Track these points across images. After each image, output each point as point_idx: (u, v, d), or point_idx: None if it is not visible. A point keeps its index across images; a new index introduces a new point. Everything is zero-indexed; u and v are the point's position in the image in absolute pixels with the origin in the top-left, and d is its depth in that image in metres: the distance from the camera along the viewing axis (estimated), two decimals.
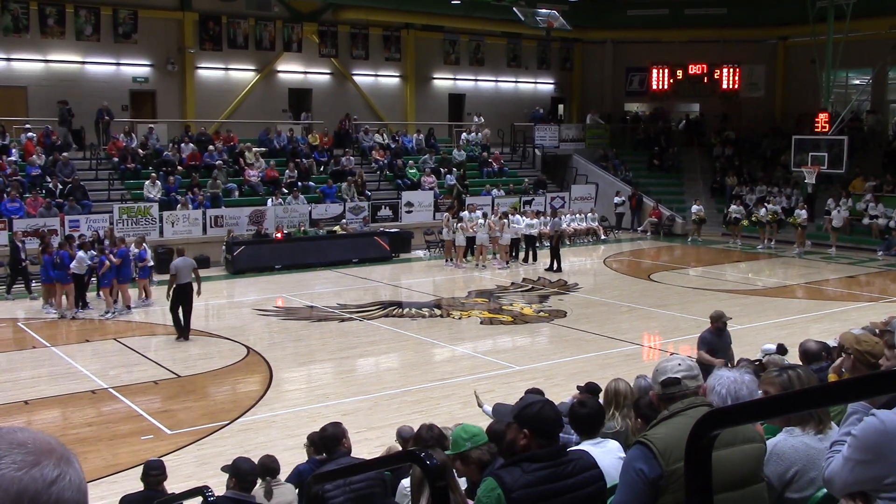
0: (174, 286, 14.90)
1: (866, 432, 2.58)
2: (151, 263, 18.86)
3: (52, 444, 1.30)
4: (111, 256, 17.14)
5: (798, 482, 3.46)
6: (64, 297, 17.06)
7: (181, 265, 15.04)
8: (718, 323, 10.38)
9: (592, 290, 20.45)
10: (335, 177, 26.98)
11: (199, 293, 15.33)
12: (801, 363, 5.97)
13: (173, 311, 15.00)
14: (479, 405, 8.26)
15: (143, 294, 18.24)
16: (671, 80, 36.29)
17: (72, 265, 16.79)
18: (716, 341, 10.30)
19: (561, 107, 38.17)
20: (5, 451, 1.25)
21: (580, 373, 11.91)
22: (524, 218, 24.58)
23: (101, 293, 17.71)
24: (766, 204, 27.99)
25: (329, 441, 6.19)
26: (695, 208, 29.26)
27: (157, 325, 16.59)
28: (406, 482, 5.26)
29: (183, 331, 14.98)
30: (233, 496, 5.94)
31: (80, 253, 17.06)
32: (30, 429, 1.33)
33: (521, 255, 24.32)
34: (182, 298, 14.92)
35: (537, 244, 24.62)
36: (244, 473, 6.07)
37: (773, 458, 3.47)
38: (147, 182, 23.44)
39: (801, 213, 26.67)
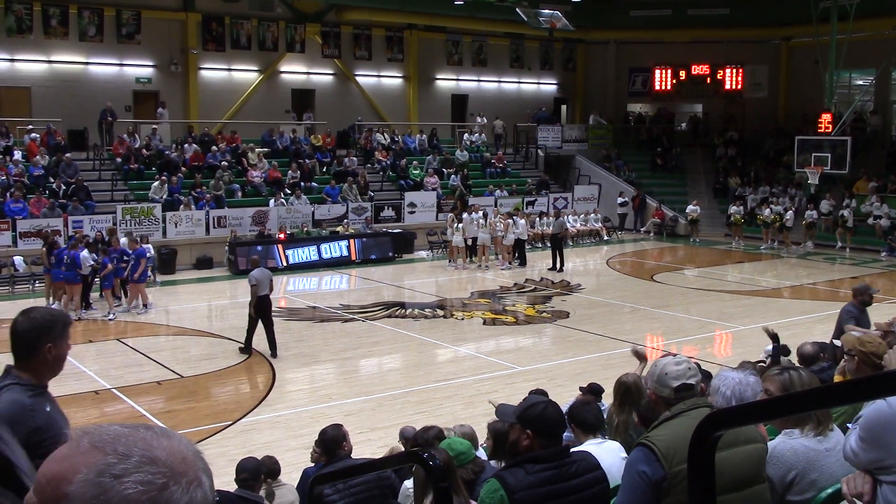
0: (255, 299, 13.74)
1: (871, 413, 2.60)
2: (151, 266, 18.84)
3: (186, 462, 1.19)
4: (123, 264, 16.99)
5: (799, 485, 3.45)
6: (66, 296, 17.07)
7: (260, 276, 13.80)
8: (864, 296, 9.51)
9: (595, 290, 20.43)
10: (338, 177, 26.99)
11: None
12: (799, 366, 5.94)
13: (252, 325, 13.90)
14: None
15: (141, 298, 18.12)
16: (674, 81, 36.25)
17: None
18: (860, 316, 9.44)
19: (563, 107, 38.15)
20: (134, 467, 1.14)
21: (583, 373, 11.89)
22: (520, 220, 24.55)
23: (103, 294, 17.69)
24: (770, 205, 27.95)
25: (329, 444, 6.17)
26: (690, 208, 29.25)
27: (160, 326, 16.60)
28: (408, 483, 5.26)
29: (270, 346, 13.82)
30: (239, 494, 5.94)
31: (84, 253, 17.08)
32: (171, 435, 1.21)
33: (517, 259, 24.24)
34: (262, 312, 13.79)
35: (528, 246, 24.58)
36: (255, 472, 6.08)
37: (773, 462, 3.46)
38: (156, 184, 23.42)
39: (788, 215, 26.70)
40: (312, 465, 7.10)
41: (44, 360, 3.28)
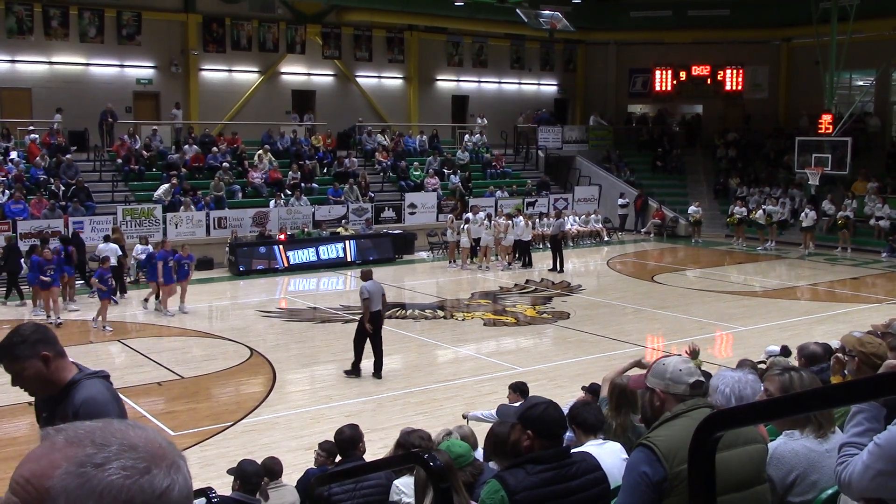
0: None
1: (891, 442, 2.54)
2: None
3: (163, 448, 1.21)
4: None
5: (799, 486, 3.45)
6: (34, 298, 17.22)
7: (373, 290, 12.60)
8: None
9: (596, 291, 20.43)
10: (338, 178, 26.99)
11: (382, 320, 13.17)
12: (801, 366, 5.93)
13: (359, 342, 12.86)
14: (464, 416, 8.44)
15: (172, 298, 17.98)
16: (674, 82, 36.21)
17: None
18: None
19: (565, 106, 38.13)
20: (115, 455, 1.16)
21: (584, 374, 11.88)
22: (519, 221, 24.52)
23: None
24: (763, 206, 27.90)
25: (346, 443, 6.18)
26: (691, 209, 29.24)
27: (161, 327, 16.59)
28: (399, 482, 5.26)
29: (375, 365, 12.82)
30: (237, 497, 5.95)
31: (111, 245, 17.16)
32: (144, 427, 1.23)
33: (519, 260, 24.19)
34: (374, 328, 12.75)
35: (531, 246, 24.60)
36: (249, 476, 6.08)
37: (774, 463, 3.46)
38: (166, 186, 23.41)
39: (803, 214, 26.66)
40: (315, 467, 7.10)
41: None
